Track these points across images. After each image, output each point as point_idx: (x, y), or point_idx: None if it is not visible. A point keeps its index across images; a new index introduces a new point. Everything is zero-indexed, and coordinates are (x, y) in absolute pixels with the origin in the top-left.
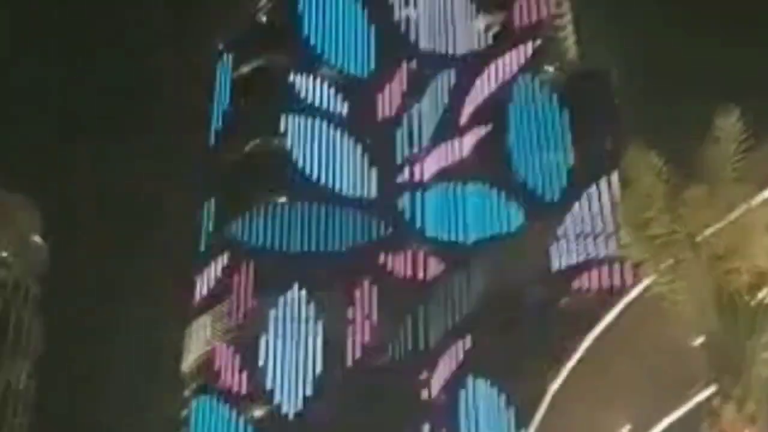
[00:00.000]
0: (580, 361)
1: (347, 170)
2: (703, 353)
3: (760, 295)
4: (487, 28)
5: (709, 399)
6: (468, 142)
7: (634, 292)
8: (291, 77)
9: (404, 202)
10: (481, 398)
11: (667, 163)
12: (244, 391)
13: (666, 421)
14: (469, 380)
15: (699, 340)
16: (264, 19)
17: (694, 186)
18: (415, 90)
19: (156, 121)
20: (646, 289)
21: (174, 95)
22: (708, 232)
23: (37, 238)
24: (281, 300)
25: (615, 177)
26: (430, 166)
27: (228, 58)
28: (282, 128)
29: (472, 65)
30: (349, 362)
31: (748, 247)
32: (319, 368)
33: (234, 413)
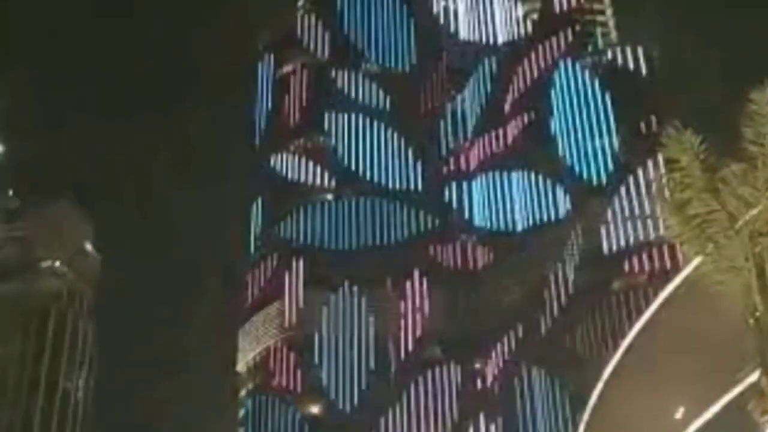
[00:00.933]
0: (633, 344)
1: (392, 164)
2: (751, 333)
3: None
4: (527, 15)
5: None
6: (512, 130)
7: (683, 274)
8: (332, 74)
9: (451, 192)
10: (536, 385)
11: (705, 143)
12: (299, 388)
13: (719, 403)
14: (523, 368)
15: (748, 320)
16: (304, 17)
17: (733, 164)
18: (456, 81)
19: (201, 125)
20: (695, 270)
21: (218, 97)
22: (748, 209)
23: (89, 247)
24: (333, 297)
25: (661, 158)
26: (475, 156)
27: (269, 58)
28: (326, 125)
29: (513, 53)
30: (402, 355)
31: None
32: (372, 363)
33: (290, 411)
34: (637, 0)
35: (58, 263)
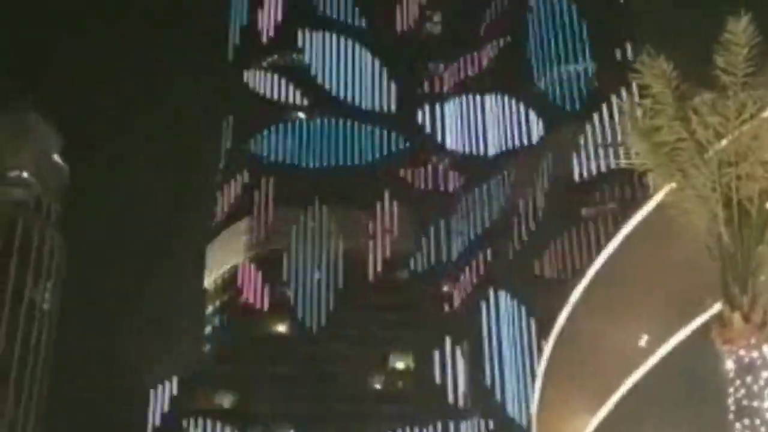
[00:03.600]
0: (600, 271)
1: (366, 84)
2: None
3: None
4: None
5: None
6: (487, 53)
7: (651, 203)
8: None
9: (424, 115)
10: (503, 310)
11: (678, 69)
12: (266, 306)
13: (683, 332)
14: (491, 292)
15: (713, 250)
16: None
17: (705, 93)
18: (433, 1)
19: (175, 38)
20: (663, 199)
21: (192, 10)
22: (717, 138)
23: (57, 158)
24: (302, 216)
25: (634, 86)
26: (449, 79)
27: None
28: (300, 43)
29: None
30: (371, 277)
31: (759, 152)
32: (341, 283)
33: (257, 329)
34: None
35: (25, 174)
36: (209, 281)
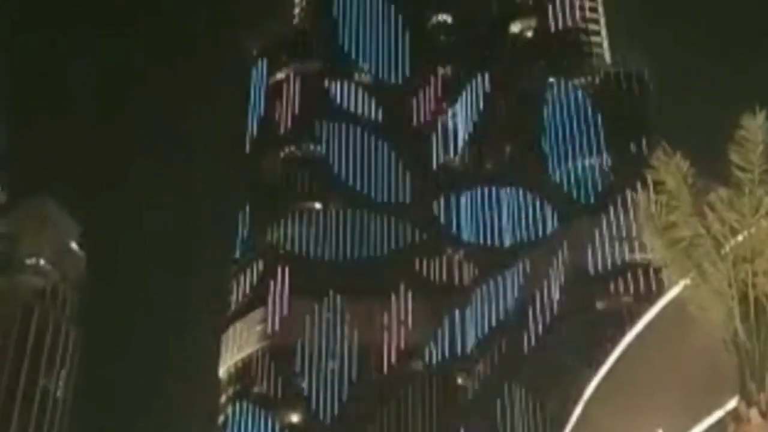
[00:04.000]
0: (614, 365)
1: (382, 176)
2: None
3: None
4: (522, 32)
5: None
6: (503, 146)
7: (666, 298)
8: (326, 83)
9: (439, 206)
10: (517, 403)
11: (693, 166)
12: (280, 396)
13: (698, 428)
14: (505, 385)
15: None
16: (299, 24)
17: (720, 189)
18: (449, 94)
19: (193, 129)
20: (678, 293)
21: (210, 101)
22: (733, 234)
23: (75, 246)
24: (317, 306)
25: (650, 180)
26: (465, 171)
27: (263, 64)
28: (317, 134)
29: (505, 70)
30: (385, 368)
31: None
32: (354, 374)
33: (270, 419)
34: (631, 21)
35: (42, 261)
36: (223, 370)
